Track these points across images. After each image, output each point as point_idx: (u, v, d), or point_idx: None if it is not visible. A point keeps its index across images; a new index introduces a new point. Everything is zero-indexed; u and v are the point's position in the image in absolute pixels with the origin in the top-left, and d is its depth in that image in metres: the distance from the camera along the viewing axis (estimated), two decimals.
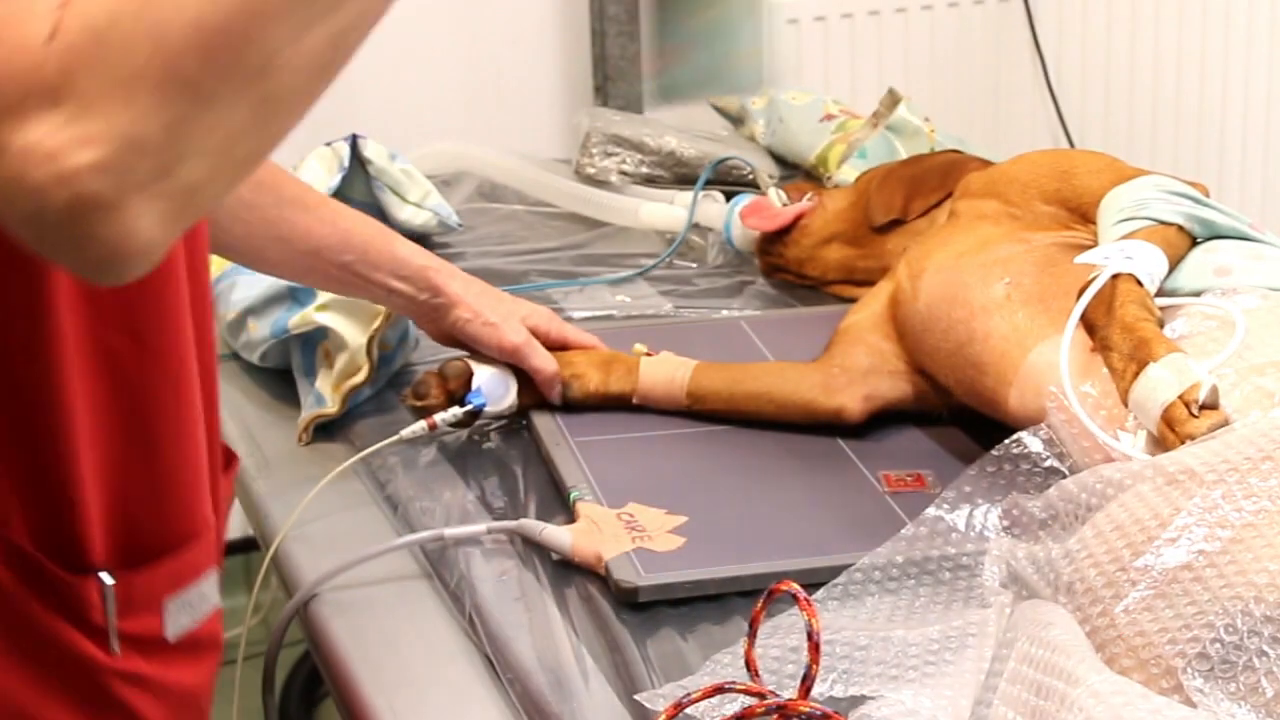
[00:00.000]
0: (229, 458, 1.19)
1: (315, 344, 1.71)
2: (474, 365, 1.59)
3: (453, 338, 1.64)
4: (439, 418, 1.55)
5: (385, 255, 1.60)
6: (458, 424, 1.57)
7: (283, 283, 1.73)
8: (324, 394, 1.67)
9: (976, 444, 1.49)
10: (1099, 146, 3.18)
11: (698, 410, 1.61)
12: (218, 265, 1.84)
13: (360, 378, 1.66)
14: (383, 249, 1.60)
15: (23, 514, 1.00)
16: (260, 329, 1.75)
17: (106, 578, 1.03)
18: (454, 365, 1.60)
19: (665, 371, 1.62)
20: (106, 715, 1.04)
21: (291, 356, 1.74)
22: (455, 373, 1.59)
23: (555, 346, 1.64)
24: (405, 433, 1.55)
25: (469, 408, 1.57)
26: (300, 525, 1.50)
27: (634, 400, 1.62)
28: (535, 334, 1.63)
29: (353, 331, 1.67)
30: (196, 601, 1.08)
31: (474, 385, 1.58)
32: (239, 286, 1.78)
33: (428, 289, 1.61)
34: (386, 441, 1.54)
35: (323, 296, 1.70)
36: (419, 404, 1.58)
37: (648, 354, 1.64)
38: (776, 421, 1.58)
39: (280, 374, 1.76)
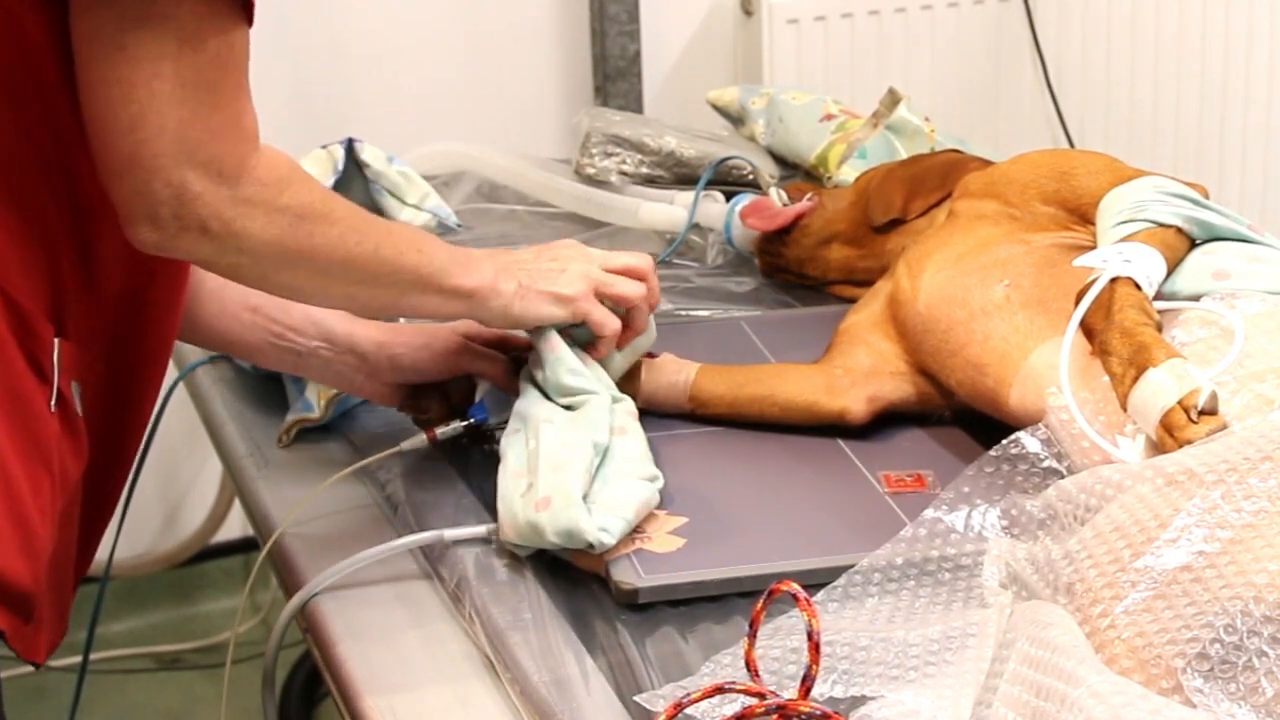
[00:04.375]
0: None
1: None
2: (477, 378, 1.59)
3: (398, 385, 1.59)
4: (439, 431, 1.54)
5: (300, 314, 1.56)
6: (459, 437, 1.56)
7: None
8: (311, 401, 1.67)
9: (979, 444, 1.49)
10: (1099, 147, 3.17)
11: (701, 413, 1.61)
12: None
13: None
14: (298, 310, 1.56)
15: (21, 277, 1.25)
16: None
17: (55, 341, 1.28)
18: (458, 378, 1.59)
19: (667, 375, 1.62)
20: (42, 458, 1.26)
21: None
22: (458, 385, 1.59)
23: (494, 346, 1.61)
24: (405, 445, 1.54)
25: (470, 421, 1.56)
26: (300, 526, 1.50)
27: (638, 404, 1.61)
28: (471, 338, 1.59)
29: None
30: (75, 395, 1.32)
31: (477, 398, 1.57)
32: None
33: (347, 349, 1.57)
34: (386, 453, 1.54)
35: None
36: (421, 417, 1.57)
37: (649, 357, 1.64)
38: (780, 423, 1.58)
39: (279, 376, 1.76)
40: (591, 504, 1.36)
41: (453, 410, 1.57)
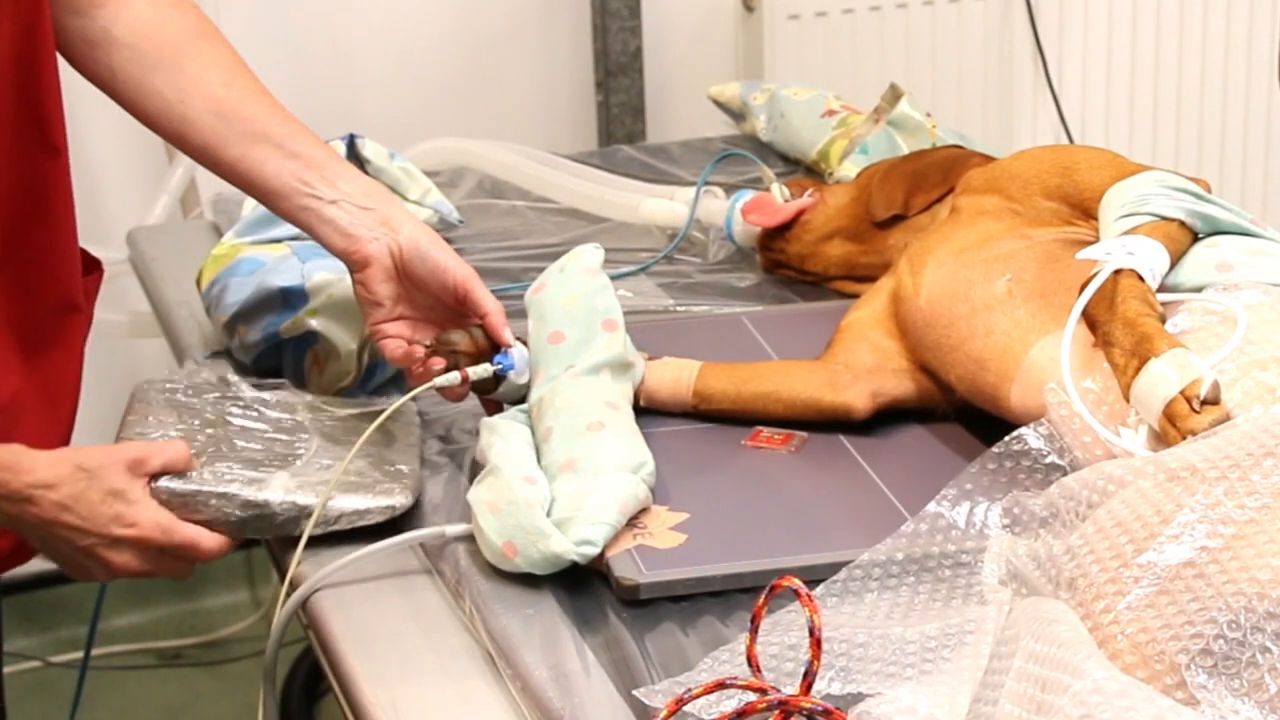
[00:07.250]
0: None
1: (306, 348, 1.70)
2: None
3: (401, 316, 1.56)
4: (471, 370, 1.52)
5: (331, 167, 1.56)
6: (482, 385, 1.54)
7: (274, 285, 1.72)
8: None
9: (980, 441, 1.49)
10: (1099, 142, 3.18)
11: (704, 410, 1.61)
12: (210, 270, 1.84)
13: (346, 382, 1.66)
14: (328, 161, 1.56)
15: None
16: (251, 334, 1.74)
17: None
18: (479, 325, 1.57)
19: (670, 373, 1.62)
20: None
21: (283, 359, 1.74)
22: (479, 333, 1.57)
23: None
24: (438, 381, 1.51)
25: (498, 367, 1.54)
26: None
27: (640, 402, 1.61)
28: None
29: (343, 337, 1.67)
30: None
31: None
32: (230, 290, 1.78)
33: (381, 202, 1.55)
34: (420, 389, 1.51)
35: (315, 301, 1.69)
36: (442, 347, 1.53)
37: (649, 358, 1.63)
38: (783, 420, 1.58)
39: (279, 366, 1.76)
40: (567, 521, 1.36)
41: (479, 354, 1.56)
